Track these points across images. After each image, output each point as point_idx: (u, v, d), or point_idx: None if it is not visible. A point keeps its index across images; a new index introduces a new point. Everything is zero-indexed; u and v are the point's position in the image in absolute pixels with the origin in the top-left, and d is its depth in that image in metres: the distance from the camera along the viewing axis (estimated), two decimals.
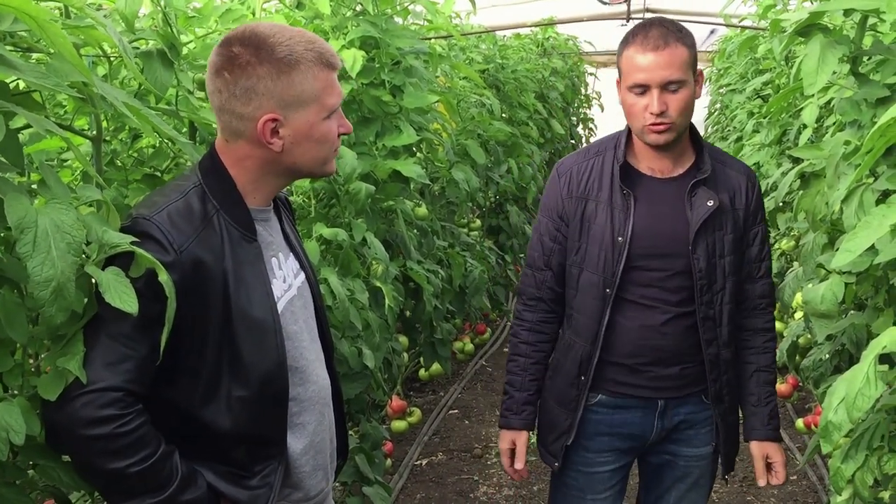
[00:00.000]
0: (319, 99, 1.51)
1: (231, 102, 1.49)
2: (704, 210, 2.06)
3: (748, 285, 2.18)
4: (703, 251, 2.07)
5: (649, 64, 1.97)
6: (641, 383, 2.15)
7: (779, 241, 4.41)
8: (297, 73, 1.48)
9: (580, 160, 2.18)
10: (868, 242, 1.42)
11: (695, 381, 2.17)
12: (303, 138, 1.52)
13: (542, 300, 2.22)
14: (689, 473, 2.25)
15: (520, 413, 2.23)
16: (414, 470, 4.21)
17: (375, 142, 2.75)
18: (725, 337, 2.14)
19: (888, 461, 1.65)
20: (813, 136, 2.99)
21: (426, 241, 3.59)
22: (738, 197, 2.12)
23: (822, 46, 1.60)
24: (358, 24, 2.63)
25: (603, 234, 2.09)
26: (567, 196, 2.15)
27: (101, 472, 1.35)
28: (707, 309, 2.10)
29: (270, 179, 1.57)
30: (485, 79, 5.08)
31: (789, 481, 4.03)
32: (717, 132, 7.02)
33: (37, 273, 1.16)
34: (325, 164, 1.59)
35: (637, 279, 2.10)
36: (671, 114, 1.99)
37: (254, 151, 1.52)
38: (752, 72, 5.24)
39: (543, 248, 2.20)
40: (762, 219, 2.18)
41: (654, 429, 2.19)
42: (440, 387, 5.22)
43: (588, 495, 2.24)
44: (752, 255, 2.16)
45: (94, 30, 1.44)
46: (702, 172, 2.08)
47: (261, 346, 1.51)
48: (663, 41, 1.97)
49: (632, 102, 2.02)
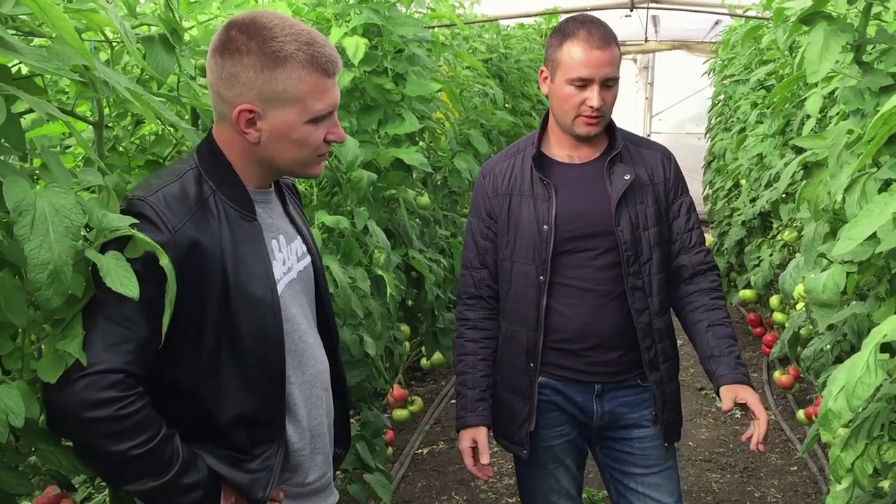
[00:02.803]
0: (303, 102, 1.50)
1: (217, 84, 1.50)
2: (622, 184, 2.18)
3: (683, 255, 2.27)
4: (626, 223, 2.17)
5: (596, 61, 2.09)
6: (579, 367, 2.23)
7: (781, 233, 4.41)
8: (281, 70, 1.47)
9: (502, 159, 2.30)
10: (869, 231, 1.42)
11: (631, 366, 2.23)
12: (280, 136, 1.51)
13: (482, 298, 2.31)
14: (646, 456, 2.27)
15: (475, 410, 2.28)
16: (415, 458, 4.22)
17: (378, 130, 2.75)
18: (657, 307, 2.22)
19: (888, 450, 1.65)
20: (816, 127, 2.98)
21: (428, 230, 3.60)
22: (655, 172, 2.24)
23: (826, 34, 1.60)
24: (360, 11, 2.62)
25: (529, 225, 2.20)
26: (493, 194, 2.26)
27: (102, 455, 1.35)
28: (635, 279, 2.19)
29: (254, 166, 1.57)
30: (488, 68, 5.07)
31: (789, 471, 4.04)
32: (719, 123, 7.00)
33: (34, 256, 1.16)
34: (307, 167, 1.59)
35: (569, 262, 2.19)
36: (605, 109, 2.14)
37: (234, 137, 1.53)
38: (756, 62, 5.22)
39: (477, 247, 2.30)
40: (684, 191, 2.30)
41: (595, 410, 2.25)
42: (442, 376, 5.23)
43: (549, 465, 2.31)
44: (681, 227, 2.27)
45: (95, 13, 1.44)
46: (614, 150, 2.21)
47: (260, 325, 1.51)
48: (606, 40, 2.11)
49: (569, 94, 2.13)
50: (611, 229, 2.17)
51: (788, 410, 4.70)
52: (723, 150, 6.07)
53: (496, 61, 5.25)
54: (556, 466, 2.31)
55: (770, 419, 4.65)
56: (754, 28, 3.16)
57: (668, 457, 2.29)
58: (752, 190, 4.96)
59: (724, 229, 5.53)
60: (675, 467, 2.32)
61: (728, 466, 4.12)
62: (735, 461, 4.16)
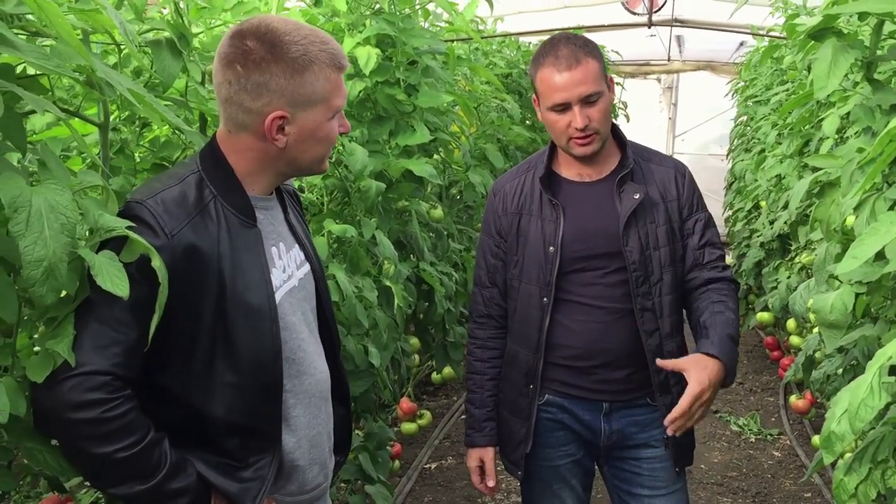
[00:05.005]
0: (327, 100, 1.53)
1: (240, 95, 1.49)
2: (631, 203, 2.12)
3: (695, 272, 2.17)
4: (635, 243, 2.12)
5: (566, 83, 2.04)
6: (586, 385, 2.18)
7: (799, 255, 4.36)
8: (310, 73, 1.49)
9: (512, 178, 2.26)
10: (874, 249, 1.39)
11: (641, 385, 2.18)
12: (308, 136, 1.54)
13: (492, 317, 2.28)
14: (655, 477, 2.22)
15: (482, 430, 2.26)
16: (423, 473, 4.19)
17: (389, 140, 2.75)
18: (668, 328, 2.15)
19: (892, 475, 1.61)
20: (833, 147, 2.95)
21: (441, 243, 3.58)
22: (668, 190, 2.18)
23: (835, 50, 1.57)
24: (374, 22, 2.63)
25: (536, 245, 2.17)
26: (503, 213, 2.23)
27: (87, 456, 1.34)
28: (644, 300, 2.13)
29: (269, 172, 1.58)
30: (507, 84, 5.07)
31: (803, 498, 3.97)
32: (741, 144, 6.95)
33: (29, 252, 1.16)
34: (322, 163, 1.62)
35: (578, 280, 2.14)
36: (594, 125, 2.08)
37: (256, 144, 1.53)
38: (777, 83, 5.18)
39: (487, 266, 2.27)
40: (700, 207, 2.21)
41: (603, 429, 2.20)
42: (453, 391, 5.20)
43: (554, 485, 2.26)
44: (695, 243, 2.18)
45: (99, 14, 1.44)
46: (625, 168, 2.16)
47: (256, 332, 1.50)
48: (574, 59, 2.05)
49: (554, 120, 2.10)
50: (619, 249, 2.12)
51: (804, 436, 4.62)
52: (743, 171, 6.02)
53: (515, 77, 5.24)
54: (560, 487, 2.27)
55: (785, 444, 4.58)
56: (773, 47, 3.13)
57: (678, 479, 2.24)
58: (771, 211, 4.91)
59: (742, 251, 5.48)
60: (684, 490, 2.26)
61: (740, 491, 4.05)
62: (748, 486, 4.10)
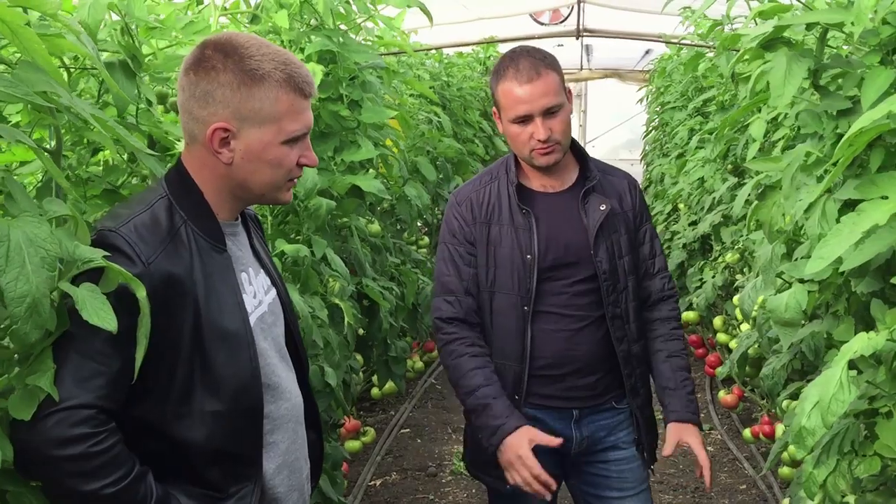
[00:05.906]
0: (279, 121, 1.48)
1: (190, 103, 1.47)
2: (599, 214, 2.18)
3: (647, 282, 2.29)
4: (604, 253, 2.18)
5: (528, 96, 2.07)
6: (557, 393, 2.21)
7: (723, 255, 4.51)
8: (259, 88, 1.46)
9: (476, 187, 2.26)
10: (841, 250, 1.45)
11: (607, 389, 2.23)
12: (254, 157, 1.49)
13: (469, 323, 2.20)
14: (623, 479, 2.27)
15: (511, 414, 2.11)
16: (368, 490, 4.15)
17: (334, 157, 2.72)
18: (634, 333, 2.24)
19: (858, 465, 1.68)
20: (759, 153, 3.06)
21: (379, 258, 3.57)
22: (624, 201, 2.26)
23: (788, 59, 1.64)
24: (315, 37, 2.60)
25: (511, 254, 2.17)
26: (472, 222, 2.22)
27: (74, 494, 1.29)
28: (614, 308, 2.20)
29: (227, 195, 1.54)
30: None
31: (739, 490, 4.10)
32: (655, 149, 7.15)
33: (11, 289, 1.11)
34: (279, 192, 1.55)
35: (548, 290, 2.17)
36: (556, 136, 2.11)
37: (208, 159, 1.50)
38: (693, 90, 5.35)
39: (461, 274, 2.20)
40: (647, 218, 2.33)
41: (574, 436, 2.23)
42: (391, 405, 5.18)
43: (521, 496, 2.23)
44: (645, 253, 2.29)
45: (60, 38, 1.39)
46: (590, 181, 2.21)
47: (233, 357, 1.47)
48: (535, 72, 2.08)
49: (517, 132, 2.13)
50: (589, 259, 2.17)
51: (734, 430, 4.78)
52: (660, 174, 6.20)
53: (439, 89, 5.27)
54: (526, 497, 2.24)
55: (717, 439, 4.72)
56: (697, 56, 3.24)
57: (644, 479, 2.30)
58: (692, 214, 5.06)
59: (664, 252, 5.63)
60: (649, 490, 2.32)
61: (680, 487, 4.16)
62: (686, 482, 4.20)
